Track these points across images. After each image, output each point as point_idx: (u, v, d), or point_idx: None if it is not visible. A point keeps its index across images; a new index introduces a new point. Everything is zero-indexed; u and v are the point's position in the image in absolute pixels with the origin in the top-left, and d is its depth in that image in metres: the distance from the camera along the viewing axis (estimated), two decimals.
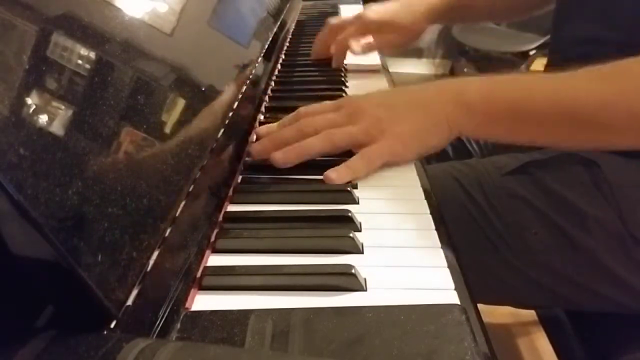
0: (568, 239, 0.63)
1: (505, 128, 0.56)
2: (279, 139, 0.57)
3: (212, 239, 0.45)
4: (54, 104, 0.32)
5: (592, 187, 0.64)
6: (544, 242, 0.64)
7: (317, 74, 0.88)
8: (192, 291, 0.39)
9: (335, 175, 0.53)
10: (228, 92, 0.55)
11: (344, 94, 0.77)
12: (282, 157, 0.55)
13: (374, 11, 0.87)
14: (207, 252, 0.43)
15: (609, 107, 0.51)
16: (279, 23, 0.88)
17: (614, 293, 0.64)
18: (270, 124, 0.61)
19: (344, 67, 0.89)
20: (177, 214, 0.39)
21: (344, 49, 0.88)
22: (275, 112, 0.70)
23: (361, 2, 1.34)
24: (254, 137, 0.62)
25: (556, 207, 0.64)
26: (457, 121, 0.56)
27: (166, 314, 0.35)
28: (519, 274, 0.65)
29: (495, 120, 0.56)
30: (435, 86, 0.59)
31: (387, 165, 0.56)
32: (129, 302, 0.31)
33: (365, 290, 0.39)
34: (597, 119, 0.52)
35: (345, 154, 0.55)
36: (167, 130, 0.42)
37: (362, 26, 0.87)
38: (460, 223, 0.66)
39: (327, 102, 0.59)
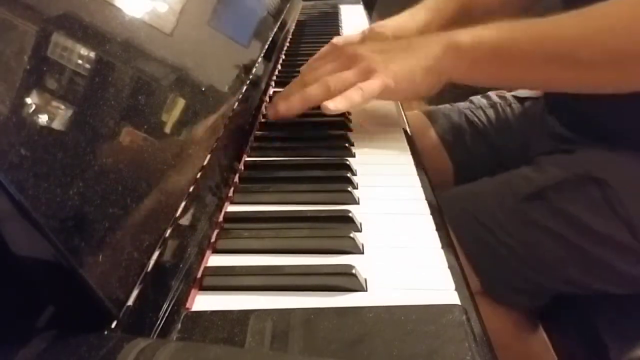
0: (585, 256, 0.63)
1: (492, 71, 0.59)
2: (286, 93, 0.62)
3: (213, 239, 0.45)
4: (55, 104, 0.31)
5: (605, 206, 0.63)
6: (559, 257, 0.64)
7: None
8: (193, 291, 0.39)
9: (333, 105, 0.56)
10: (228, 92, 0.55)
11: None
12: (285, 105, 0.60)
13: (381, 25, 0.83)
14: (208, 252, 0.43)
15: (587, 44, 0.54)
16: (279, 23, 0.88)
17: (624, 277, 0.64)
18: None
19: None
20: (177, 214, 0.39)
21: None
22: None
23: (361, 3, 1.34)
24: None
25: (574, 230, 0.63)
26: (446, 66, 0.58)
27: (167, 314, 0.35)
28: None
29: (482, 63, 0.58)
30: (429, 34, 0.63)
31: (380, 98, 0.60)
32: (130, 302, 0.31)
33: (366, 291, 0.39)
34: (576, 57, 0.55)
35: None
36: (167, 130, 0.42)
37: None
38: (477, 250, 0.66)
39: (326, 53, 0.65)
